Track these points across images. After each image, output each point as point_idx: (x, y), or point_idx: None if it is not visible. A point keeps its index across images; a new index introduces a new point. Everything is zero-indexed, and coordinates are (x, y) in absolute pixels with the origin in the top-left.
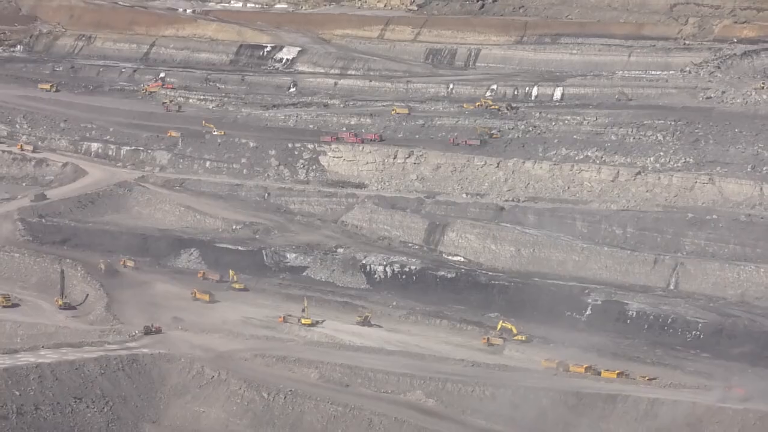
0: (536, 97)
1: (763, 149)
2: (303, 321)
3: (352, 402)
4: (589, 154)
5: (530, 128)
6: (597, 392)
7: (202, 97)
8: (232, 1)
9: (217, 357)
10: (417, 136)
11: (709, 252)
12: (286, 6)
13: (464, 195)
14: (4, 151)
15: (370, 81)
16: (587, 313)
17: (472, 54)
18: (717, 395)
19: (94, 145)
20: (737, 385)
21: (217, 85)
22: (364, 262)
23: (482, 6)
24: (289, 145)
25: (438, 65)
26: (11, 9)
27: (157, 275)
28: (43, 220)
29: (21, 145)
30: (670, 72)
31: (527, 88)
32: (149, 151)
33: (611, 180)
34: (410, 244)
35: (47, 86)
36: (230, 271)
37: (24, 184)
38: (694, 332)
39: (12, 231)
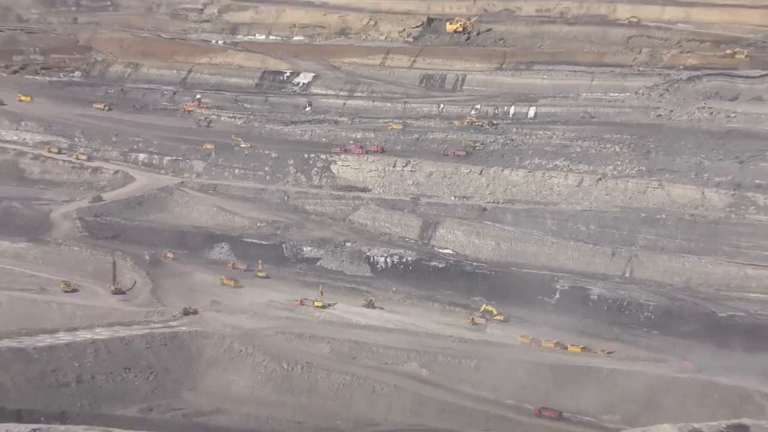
0: (513, 115)
1: (705, 159)
2: (316, 304)
3: (358, 372)
4: (557, 163)
5: (508, 141)
6: (564, 363)
7: (231, 115)
8: (257, 35)
9: (245, 334)
10: (413, 148)
11: (659, 246)
12: (302, 38)
13: (452, 198)
14: (64, 161)
15: (373, 101)
16: (556, 297)
17: (460, 79)
18: (668, 367)
19: (141, 156)
20: (685, 358)
21: (244, 104)
22: (368, 254)
23: (468, 38)
24: (305, 156)
25: (430, 88)
26: (70, 41)
27: (193, 265)
28: (98, 219)
29: (77, 155)
30: (626, 94)
31: (506, 108)
32: (187, 160)
33: (576, 185)
34: (407, 239)
35: (101, 106)
36: (259, 261)
37: (81, 189)
38: (646, 313)
39: (72, 228)
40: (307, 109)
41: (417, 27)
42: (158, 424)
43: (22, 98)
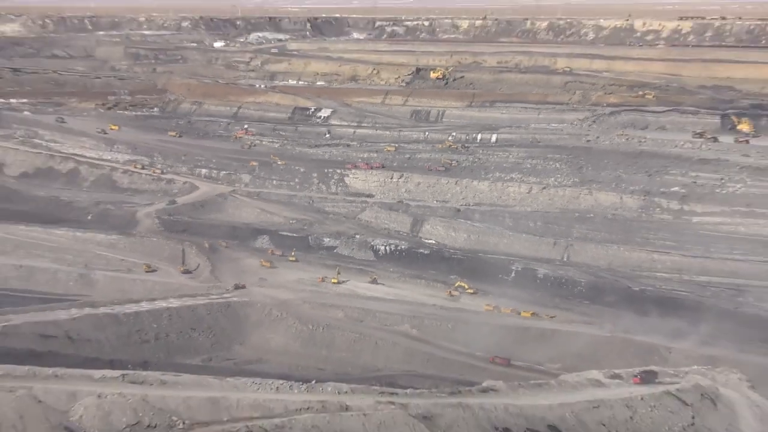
0: (480, 140)
1: (622, 173)
2: (333, 281)
3: (365, 331)
4: (513, 176)
5: (476, 160)
6: (519, 325)
7: (270, 140)
8: (289, 80)
9: (280, 303)
10: (405, 165)
11: (589, 237)
12: (323, 83)
13: (435, 201)
14: (146, 174)
15: (376, 130)
16: (512, 275)
17: (440, 113)
18: (595, 328)
19: (203, 170)
20: (608, 321)
21: (280, 132)
22: (372, 243)
23: (446, 83)
24: (325, 170)
25: (418, 120)
26: (151, 85)
27: (241, 252)
28: (171, 217)
29: (155, 170)
30: (564, 124)
31: (474, 135)
32: (237, 174)
33: (527, 192)
34: (401, 233)
35: (173, 133)
36: (293, 249)
37: (159, 195)
38: (578, 288)
39: (152, 224)
40: (327, 135)
41: (408, 75)
42: (216, 370)
43: (113, 127)
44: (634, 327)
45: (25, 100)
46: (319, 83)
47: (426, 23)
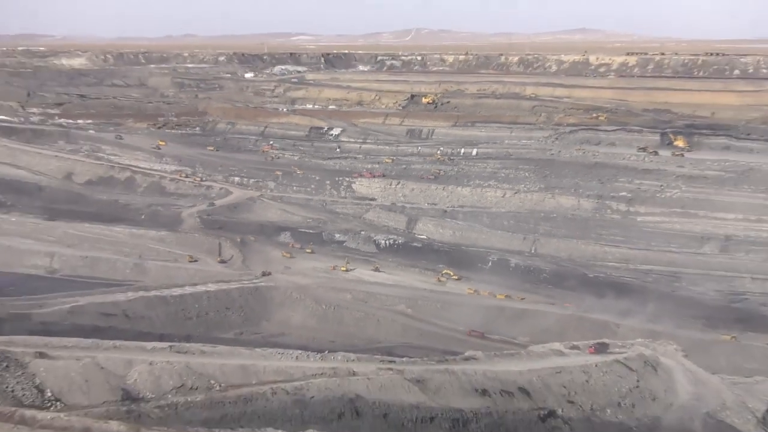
0: (463, 154)
1: (580, 181)
2: (342, 269)
3: (369, 310)
4: (490, 183)
5: (460, 170)
6: (494, 305)
7: (291, 154)
8: (306, 105)
9: (299, 287)
10: (401, 174)
11: (552, 233)
12: (334, 107)
13: (426, 204)
14: (189, 181)
15: (377, 145)
16: (489, 264)
17: (430, 132)
18: (557, 307)
19: (236, 179)
20: (567, 301)
21: (299, 147)
22: (375, 238)
23: (435, 107)
24: (336, 179)
25: (412, 137)
26: (193, 108)
27: (268, 246)
28: (210, 217)
29: (196, 178)
30: (532, 141)
31: (458, 149)
32: (264, 181)
33: (502, 196)
34: (398, 229)
35: (211, 148)
36: (310, 243)
37: (200, 199)
38: (544, 275)
39: (194, 223)
40: (337, 150)
41: (404, 100)
42: (246, 342)
43: (161, 143)
44: (590, 307)
45: (90, 121)
46: (331, 107)
47: (419, 58)
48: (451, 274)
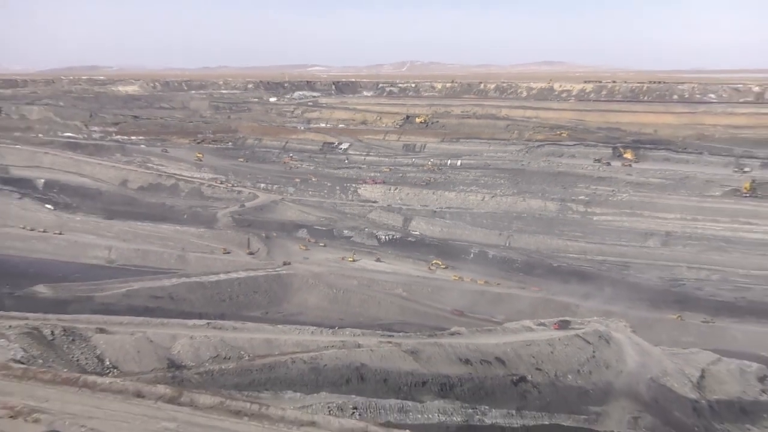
0: (449, 164)
1: (546, 186)
2: (349, 260)
3: (372, 294)
4: (472, 188)
5: (447, 178)
6: (476, 290)
7: (308, 164)
8: (320, 123)
9: (314, 274)
10: (398, 181)
11: (523, 230)
12: (343, 125)
13: (418, 206)
14: (223, 187)
15: (379, 157)
16: (471, 256)
17: (423, 146)
18: (527, 291)
19: (262, 185)
20: (536, 286)
21: (314, 159)
22: (377, 234)
23: (426, 126)
24: (345, 185)
25: (408, 151)
26: (226, 126)
27: (288, 240)
28: (241, 216)
29: (228, 184)
30: (506, 153)
31: (446, 160)
32: (285, 187)
33: (481, 199)
34: (396, 227)
35: (242, 159)
36: (323, 238)
37: (232, 202)
38: (516, 264)
39: (227, 221)
40: (346, 161)
41: (401, 120)
42: (270, 319)
43: (199, 155)
44: (555, 291)
45: (141, 137)
46: (340, 126)
47: (413, 85)
48: (440, 263)
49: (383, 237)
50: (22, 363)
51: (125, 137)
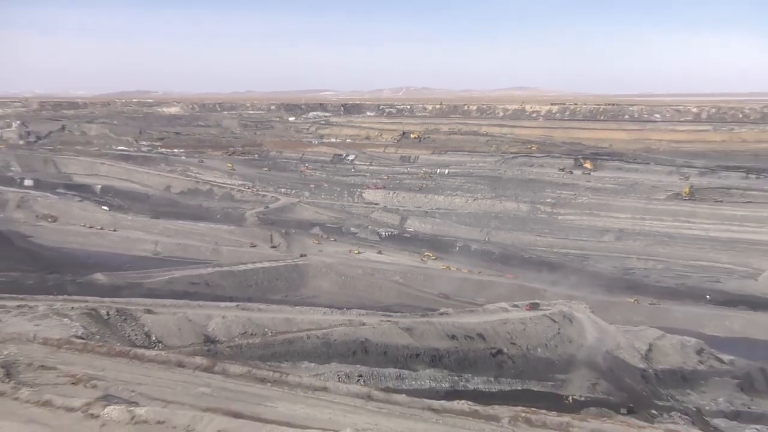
0: (439, 173)
1: (519, 191)
2: (356, 252)
3: (374, 280)
4: (457, 193)
5: (436, 184)
6: (460, 277)
7: (321, 173)
8: (331, 139)
9: (326, 264)
10: (396, 186)
11: (500, 228)
12: (350, 140)
13: (413, 207)
14: (250, 192)
15: (380, 167)
16: (457, 249)
17: (416, 157)
18: (503, 278)
19: (282, 189)
20: (511, 274)
21: (326, 168)
22: (378, 230)
23: (420, 140)
24: (351, 190)
25: (404, 162)
26: (253, 141)
27: (304, 236)
28: (265, 216)
29: (254, 190)
30: (486, 163)
31: (436, 169)
32: (302, 191)
33: (465, 202)
34: (394, 225)
35: (266, 169)
36: (333, 234)
37: (258, 204)
38: (494, 256)
39: (254, 220)
40: (352, 170)
41: (398, 136)
42: (289, 302)
43: (229, 165)
44: (526, 278)
45: (182, 150)
46: (347, 140)
47: (408, 107)
48: (431, 255)
49: (383, 233)
50: (83, 338)
51: (168, 150)
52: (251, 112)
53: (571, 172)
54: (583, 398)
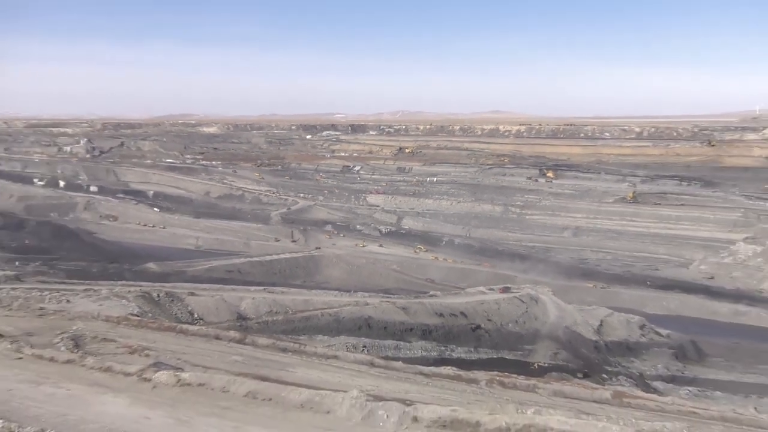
0: (428, 180)
1: (494, 196)
2: (361, 245)
3: (376, 269)
4: (444, 197)
5: (427, 190)
6: (448, 266)
7: (332, 181)
8: (341, 153)
9: (337, 256)
10: (394, 191)
11: (479, 226)
12: (356, 154)
13: (408, 209)
14: (275, 196)
15: (381, 176)
16: (443, 243)
17: (410, 168)
18: (481, 266)
19: (301, 194)
20: (487, 264)
21: (336, 177)
22: (379, 228)
23: (413, 154)
24: (357, 195)
25: (400, 171)
26: (277, 155)
27: (318, 232)
28: (287, 216)
29: (278, 195)
30: (467, 173)
31: (426, 178)
32: (317, 196)
33: (450, 204)
34: (392, 223)
35: (288, 177)
36: (342, 231)
37: (280, 206)
38: (474, 249)
39: (278, 219)
40: (358, 178)
41: (396, 151)
42: (307, 286)
43: (257, 175)
44: (500, 267)
45: (219, 162)
46: (354, 154)
47: (403, 127)
48: (422, 248)
49: (383, 230)
50: (137, 316)
51: (208, 162)
52: (275, 131)
53: (536, 180)
54: (546, 365)
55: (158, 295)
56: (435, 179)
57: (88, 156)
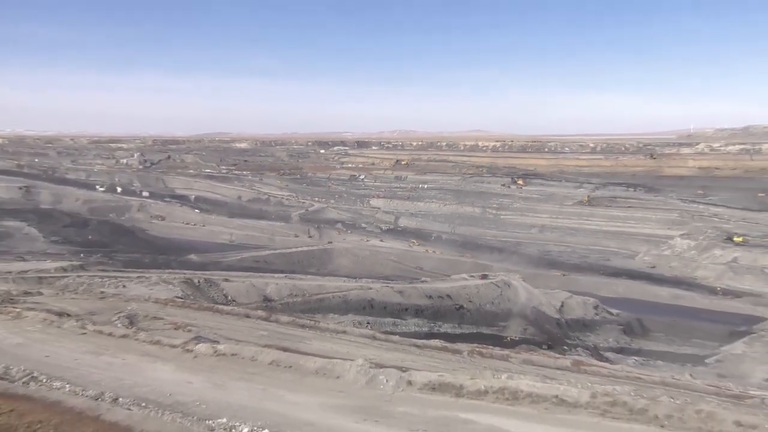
0: (420, 187)
1: (474, 199)
2: (365, 240)
3: (378, 259)
4: (433, 200)
5: (419, 194)
6: (440, 257)
7: (342, 187)
8: (348, 164)
9: (345, 248)
10: (393, 196)
11: (462, 224)
12: (361, 166)
13: (403, 210)
14: (294, 200)
15: (381, 183)
16: (433, 237)
17: (406, 177)
18: (463, 257)
19: (316, 198)
20: (469, 255)
21: (345, 184)
22: (380, 226)
23: (408, 166)
24: (362, 199)
25: (398, 179)
26: (296, 166)
27: (330, 230)
28: (305, 216)
29: (297, 198)
30: (452, 181)
31: (419, 185)
32: (329, 200)
33: (438, 206)
34: (391, 222)
35: (305, 184)
36: (349, 228)
37: (299, 208)
38: (459, 242)
39: (297, 218)
40: (363, 186)
41: (394, 162)
42: (321, 274)
43: (280, 182)
44: (480, 258)
45: (248, 172)
46: (359, 166)
47: (400, 143)
48: (416, 242)
49: (384, 228)
50: (181, 298)
51: (239, 172)
52: (295, 146)
53: (509, 187)
54: (517, 338)
55: (198, 281)
56: (426, 186)
57: (140, 167)
